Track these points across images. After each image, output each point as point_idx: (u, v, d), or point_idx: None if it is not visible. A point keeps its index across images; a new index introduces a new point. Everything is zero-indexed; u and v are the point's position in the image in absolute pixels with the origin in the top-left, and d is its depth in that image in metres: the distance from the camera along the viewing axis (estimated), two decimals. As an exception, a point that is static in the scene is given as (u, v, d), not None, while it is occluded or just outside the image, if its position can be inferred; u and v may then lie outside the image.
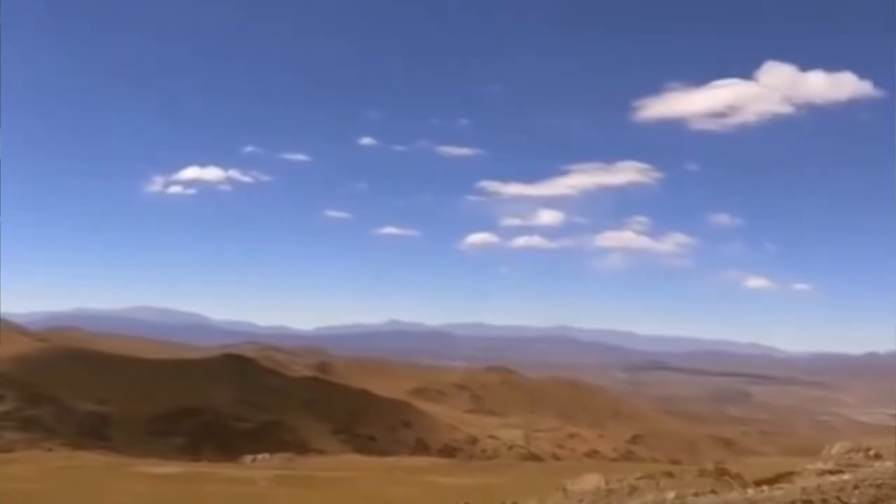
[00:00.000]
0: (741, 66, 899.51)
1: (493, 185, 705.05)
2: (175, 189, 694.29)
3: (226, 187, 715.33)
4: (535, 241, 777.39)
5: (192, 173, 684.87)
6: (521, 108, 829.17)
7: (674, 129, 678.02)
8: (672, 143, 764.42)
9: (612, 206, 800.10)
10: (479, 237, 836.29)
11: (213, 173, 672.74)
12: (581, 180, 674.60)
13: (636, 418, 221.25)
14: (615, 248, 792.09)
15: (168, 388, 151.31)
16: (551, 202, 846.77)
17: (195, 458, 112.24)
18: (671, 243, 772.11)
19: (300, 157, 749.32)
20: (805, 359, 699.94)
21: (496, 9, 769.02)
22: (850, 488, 20.19)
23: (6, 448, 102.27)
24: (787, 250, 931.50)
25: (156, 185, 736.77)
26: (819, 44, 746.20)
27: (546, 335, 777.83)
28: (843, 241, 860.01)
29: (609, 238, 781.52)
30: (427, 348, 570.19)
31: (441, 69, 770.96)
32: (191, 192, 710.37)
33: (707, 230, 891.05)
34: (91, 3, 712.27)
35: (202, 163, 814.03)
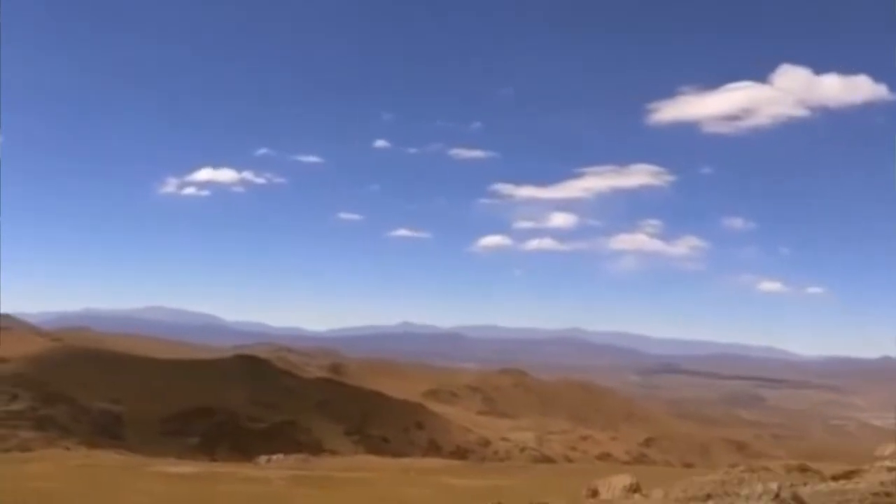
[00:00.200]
0: (755, 68, 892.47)
1: (505, 188, 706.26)
2: (189, 190, 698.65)
3: (239, 189, 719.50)
4: (548, 243, 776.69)
5: (206, 175, 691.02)
6: (534, 111, 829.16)
7: (687, 131, 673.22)
8: (685, 146, 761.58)
9: (625, 209, 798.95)
10: (491, 239, 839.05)
11: (226, 175, 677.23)
12: (594, 183, 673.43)
13: (649, 421, 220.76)
14: (628, 251, 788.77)
15: (181, 387, 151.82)
16: (564, 205, 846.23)
17: (212, 458, 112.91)
18: (684, 246, 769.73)
19: (313, 158, 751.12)
20: (819, 363, 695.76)
21: (509, 11, 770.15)
22: None
23: (23, 447, 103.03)
24: (801, 254, 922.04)
25: (169, 187, 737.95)
26: (834, 47, 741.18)
27: (559, 337, 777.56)
28: (857, 244, 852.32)
29: (622, 241, 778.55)
30: (440, 350, 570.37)
31: (454, 72, 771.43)
32: (204, 193, 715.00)
33: (720, 233, 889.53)
34: (100, 4, 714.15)
35: (216, 164, 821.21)
